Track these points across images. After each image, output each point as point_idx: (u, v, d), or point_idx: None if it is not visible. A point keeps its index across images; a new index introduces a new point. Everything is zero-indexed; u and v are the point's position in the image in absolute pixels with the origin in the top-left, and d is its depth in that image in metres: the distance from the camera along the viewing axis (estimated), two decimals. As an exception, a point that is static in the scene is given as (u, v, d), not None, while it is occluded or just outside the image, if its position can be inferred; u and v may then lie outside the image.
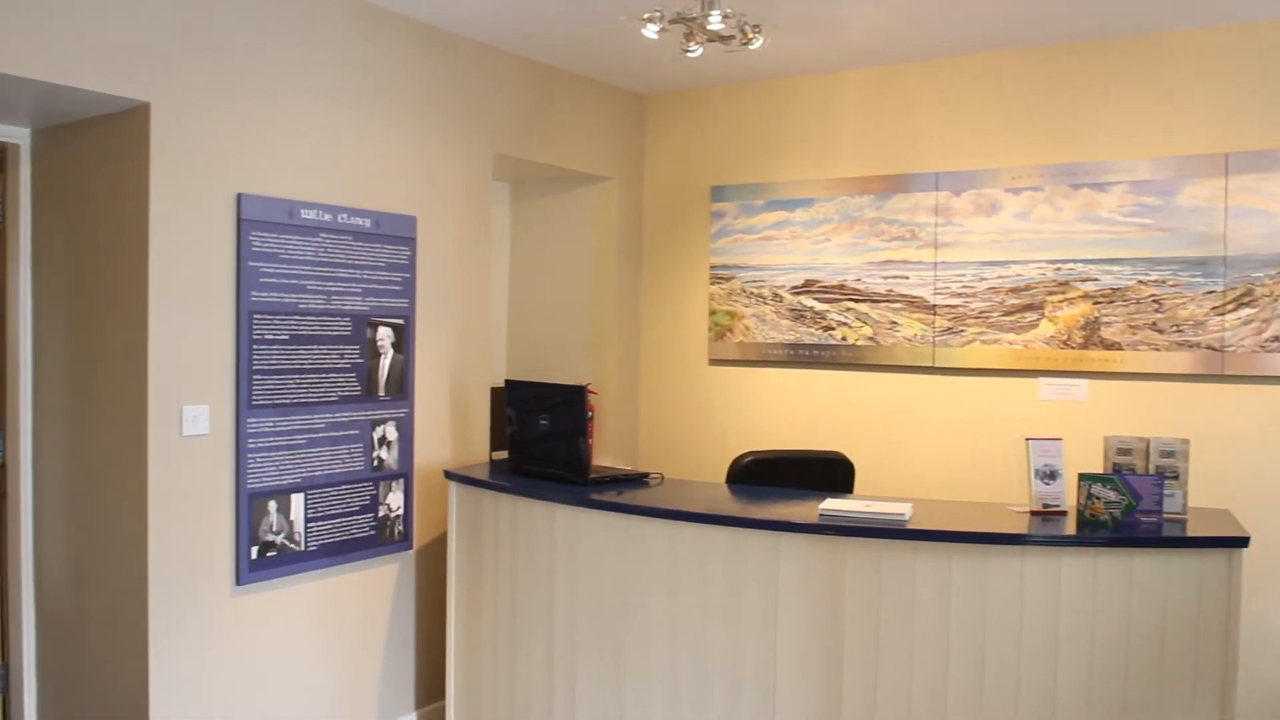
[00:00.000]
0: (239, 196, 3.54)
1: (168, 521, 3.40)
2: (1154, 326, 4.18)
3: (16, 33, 2.97)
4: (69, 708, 3.74)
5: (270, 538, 3.68)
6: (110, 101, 3.30)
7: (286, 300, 3.69)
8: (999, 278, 4.50)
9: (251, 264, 3.57)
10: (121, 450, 3.44)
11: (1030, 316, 4.43)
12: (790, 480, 3.92)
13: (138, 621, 3.40)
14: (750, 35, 3.46)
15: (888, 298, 4.76)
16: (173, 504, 3.41)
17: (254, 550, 3.62)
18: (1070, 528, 3.05)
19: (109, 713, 3.54)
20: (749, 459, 4.02)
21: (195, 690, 3.50)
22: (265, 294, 3.62)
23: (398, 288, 4.09)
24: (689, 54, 3.52)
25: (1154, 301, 4.18)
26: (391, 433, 4.09)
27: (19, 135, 3.73)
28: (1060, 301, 4.37)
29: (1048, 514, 3.20)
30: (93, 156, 3.54)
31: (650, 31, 3.43)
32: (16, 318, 3.78)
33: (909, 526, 3.06)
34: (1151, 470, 3.16)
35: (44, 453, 3.78)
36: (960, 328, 4.58)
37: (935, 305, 4.64)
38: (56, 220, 3.70)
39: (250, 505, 3.61)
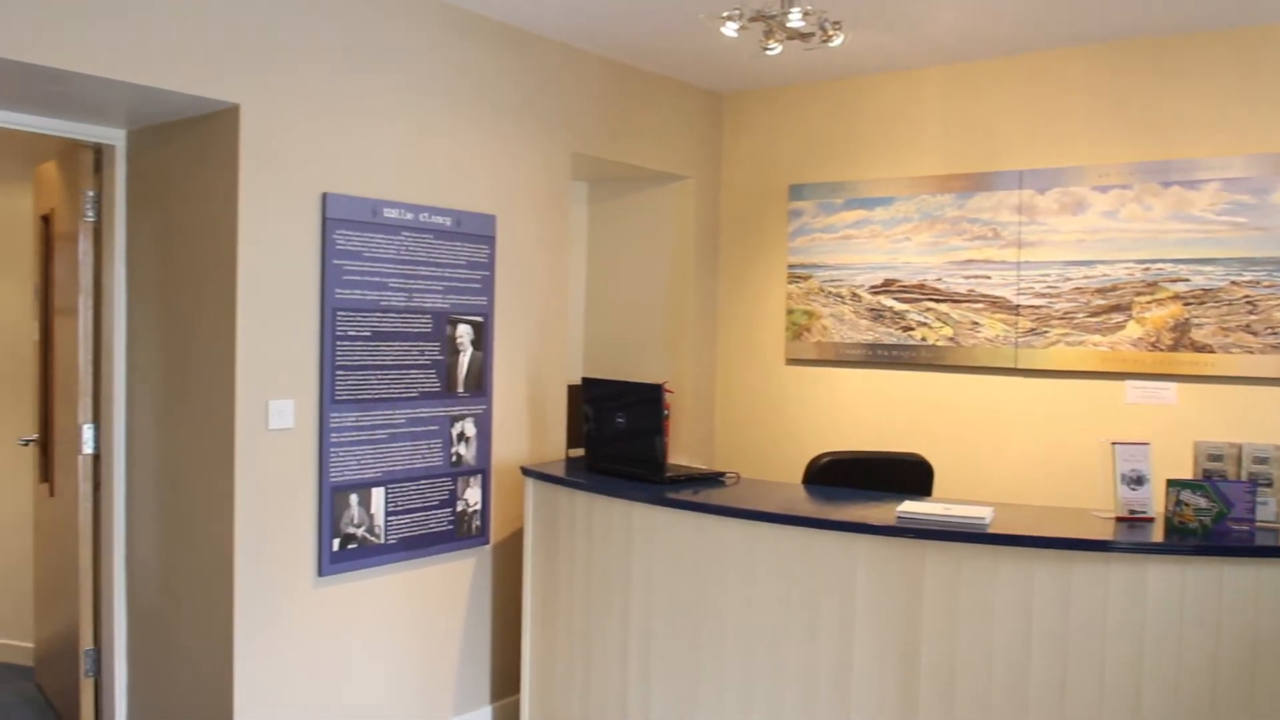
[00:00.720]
0: (324, 195, 3.61)
1: (253, 513, 3.49)
2: (1247, 329, 4.05)
3: (113, 37, 3.07)
4: (157, 692, 3.86)
5: (351, 530, 3.75)
6: (201, 104, 3.39)
7: (369, 297, 3.76)
8: (1085, 278, 4.40)
9: (335, 262, 3.64)
10: (209, 443, 3.54)
11: (1117, 318, 4.33)
12: (867, 482, 3.88)
13: (223, 609, 3.50)
14: (830, 32, 3.43)
15: (969, 298, 4.69)
16: (258, 496, 3.50)
17: (335, 542, 3.70)
18: (1158, 535, 2.97)
19: (195, 697, 3.64)
20: (826, 460, 3.99)
21: (277, 677, 3.59)
22: (348, 291, 3.69)
23: (477, 285, 4.14)
24: (768, 52, 3.51)
25: (1247, 303, 4.05)
26: (470, 429, 4.14)
27: (115, 137, 3.85)
28: (1149, 302, 4.26)
29: (1134, 520, 3.12)
30: (184, 157, 3.64)
31: (730, 30, 3.43)
32: (111, 314, 3.90)
33: (989, 531, 3.01)
34: (1244, 477, 3.06)
35: (136, 445, 3.90)
36: (1044, 329, 4.49)
37: (1018, 306, 4.55)
38: (149, 219, 3.82)
39: (332, 498, 3.68)
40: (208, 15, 3.29)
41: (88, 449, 3.98)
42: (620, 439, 3.96)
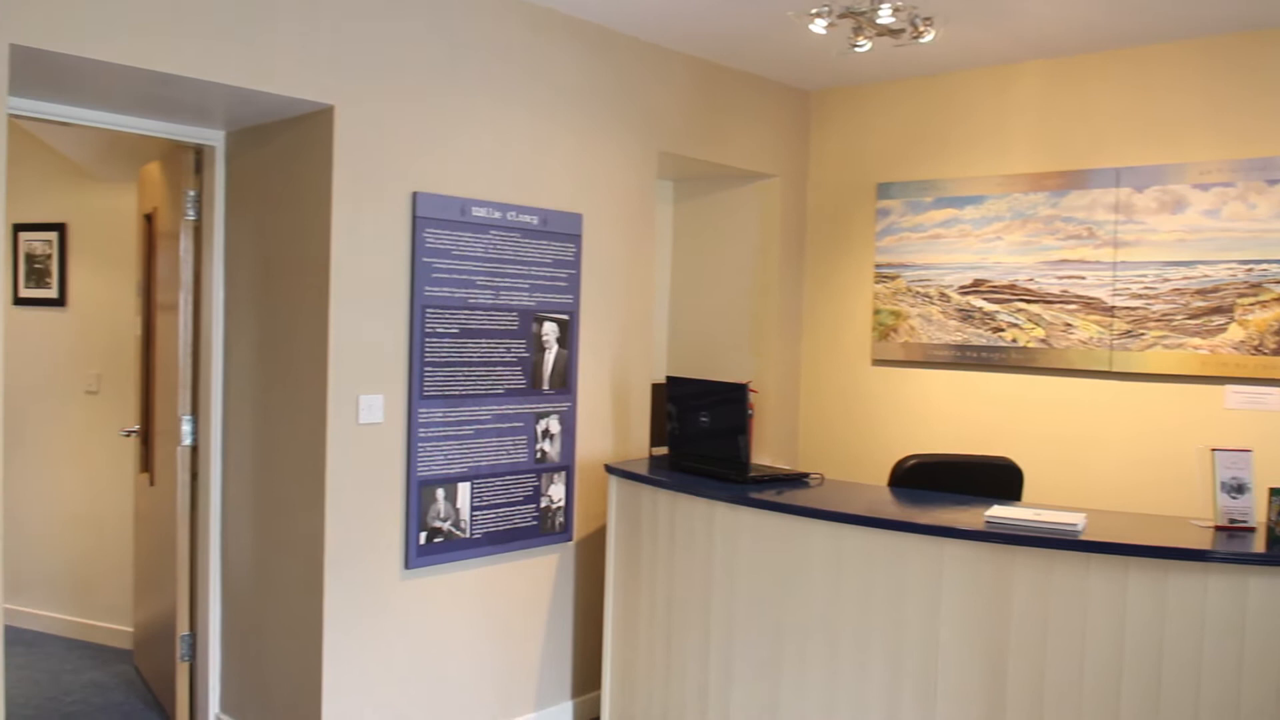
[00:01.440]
0: (414, 195, 3.67)
1: (343, 505, 3.56)
2: (1359, 332, 3.89)
3: (215, 42, 3.16)
4: (249, 678, 3.96)
5: (437, 524, 3.80)
6: (298, 105, 3.47)
7: (457, 295, 3.81)
8: (1184, 279, 4.27)
9: (425, 260, 3.70)
10: (302, 436, 3.62)
11: (1218, 320, 4.19)
12: (955, 485, 3.82)
13: (313, 599, 3.58)
14: (921, 29, 3.38)
15: (1062, 298, 4.58)
16: (348, 488, 3.57)
17: (422, 536, 3.76)
18: (1259, 545, 2.87)
19: (285, 684, 3.73)
20: (912, 462, 3.93)
21: (364, 666, 3.66)
22: (437, 289, 3.75)
23: (563, 284, 4.17)
24: (857, 49, 3.47)
25: (1359, 306, 3.89)
26: (554, 426, 4.17)
27: (215, 138, 3.97)
28: (1252, 304, 4.12)
29: (1234, 530, 3.01)
30: (280, 157, 3.73)
31: (818, 27, 3.40)
32: (210, 310, 4.02)
33: (1082, 538, 2.93)
34: (1353, 486, 2.94)
35: (231, 437, 4.01)
36: (1140, 331, 4.37)
37: (1113, 307, 4.44)
38: (246, 218, 3.92)
39: (420, 492, 3.74)
40: (304, 20, 3.36)
41: (186, 440, 4.10)
42: (704, 438, 3.96)
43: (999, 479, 3.96)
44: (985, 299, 4.81)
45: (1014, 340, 4.73)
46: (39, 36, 2.82)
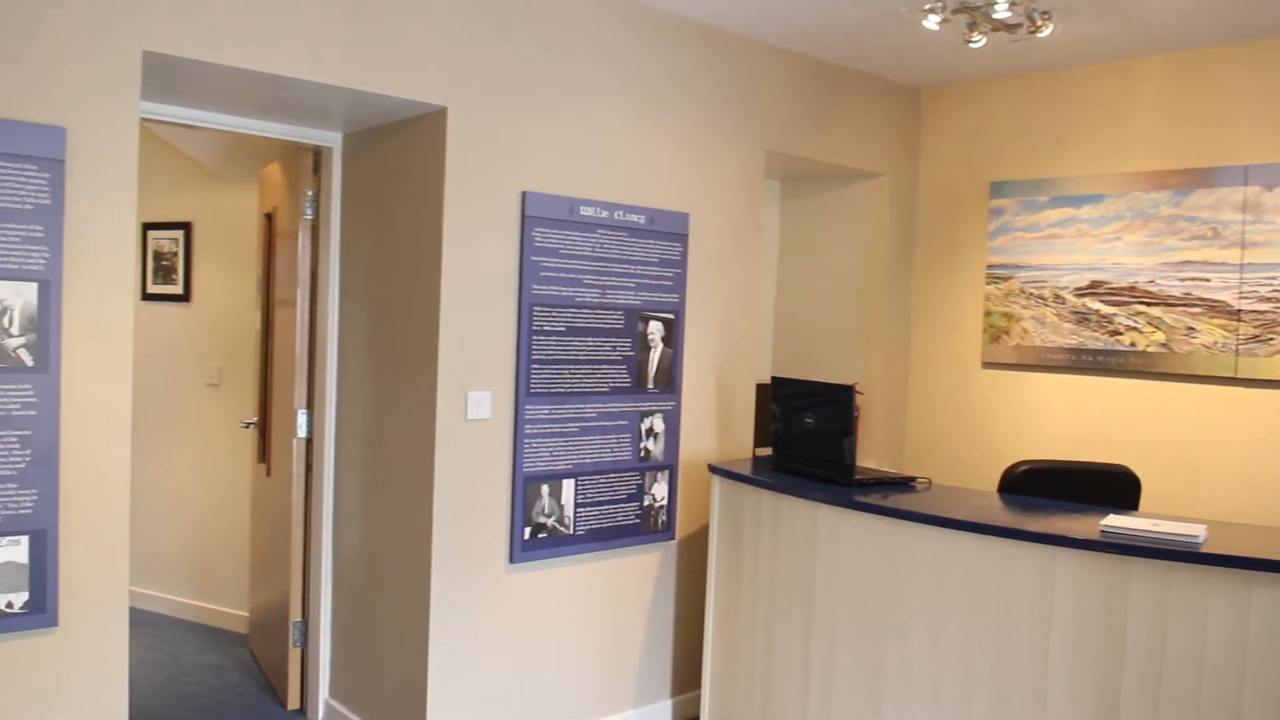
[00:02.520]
0: (524, 194, 3.72)
1: (450, 499, 3.63)
2: None
3: (334, 46, 3.25)
4: (357, 664, 4.06)
5: (542, 520, 3.85)
6: (413, 106, 3.54)
7: (564, 294, 3.84)
8: (1318, 282, 4.08)
9: (533, 259, 3.75)
10: (412, 430, 3.70)
11: (1355, 325, 3.99)
12: (1068, 493, 3.71)
13: (420, 589, 3.65)
14: (1039, 23, 3.30)
15: (1184, 301, 4.41)
16: (455, 483, 3.63)
17: (527, 531, 3.80)
18: (1399, 563, 2.72)
19: (392, 672, 3.82)
20: (1024, 468, 3.83)
21: (468, 658, 3.72)
22: (545, 287, 3.79)
23: (669, 283, 4.17)
24: (971, 45, 3.40)
25: None
26: (659, 425, 4.18)
27: (332, 140, 4.08)
28: (1393, 309, 3.91)
29: (1371, 546, 2.87)
30: (395, 158, 3.81)
31: (931, 23, 3.34)
32: (325, 306, 4.13)
33: (1203, 550, 2.82)
34: None
35: (344, 430, 4.12)
36: (1269, 335, 4.18)
37: (1240, 310, 4.26)
38: (362, 217, 4.02)
39: (525, 488, 3.79)
40: (419, 23, 3.44)
41: (301, 433, 4.23)
42: (809, 439, 3.92)
43: (1115, 487, 3.83)
44: (1103, 301, 4.67)
45: (1133, 344, 4.57)
46: (169, 43, 2.94)
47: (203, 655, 5.04)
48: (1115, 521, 3.05)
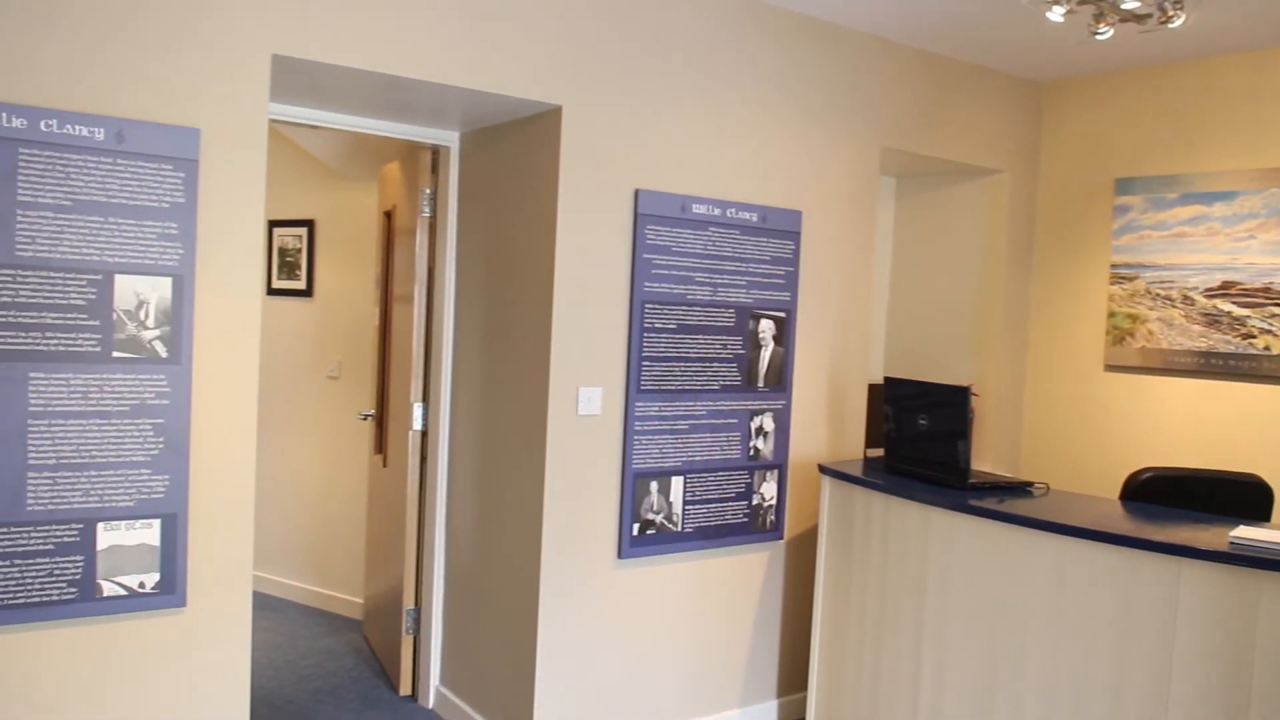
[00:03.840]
0: (636, 192, 3.74)
1: (560, 493, 3.67)
2: None
3: (451, 47, 3.31)
4: (468, 653, 4.14)
5: (650, 516, 3.86)
6: (528, 106, 3.59)
7: (675, 291, 3.85)
8: None
9: (645, 256, 3.76)
10: (524, 425, 3.75)
11: None
12: (1195, 502, 3.57)
13: (530, 583, 3.70)
14: (1171, 13, 3.17)
15: (1325, 304, 4.21)
16: (565, 477, 3.67)
17: (635, 527, 3.82)
18: None
19: (501, 662, 3.88)
20: (1148, 475, 3.70)
21: (575, 651, 3.76)
22: (656, 285, 3.80)
23: (780, 281, 4.15)
24: (1098, 36, 3.29)
25: None
26: (768, 424, 4.16)
27: (450, 139, 4.16)
28: None
29: None
30: (510, 156, 3.87)
31: (1056, 15, 3.24)
32: (442, 302, 4.22)
33: (1344, 564, 2.69)
34: None
35: (459, 423, 4.20)
36: None
37: (1386, 314, 4.04)
38: (478, 214, 4.09)
39: (634, 484, 3.80)
40: (535, 23, 3.48)
41: (417, 425, 4.32)
42: (922, 441, 3.85)
43: (1245, 497, 3.67)
44: (1235, 303, 4.47)
45: (1266, 348, 4.37)
46: (296, 47, 3.03)
47: (319, 639, 5.20)
48: (1245, 533, 2.92)
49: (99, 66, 2.76)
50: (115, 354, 2.82)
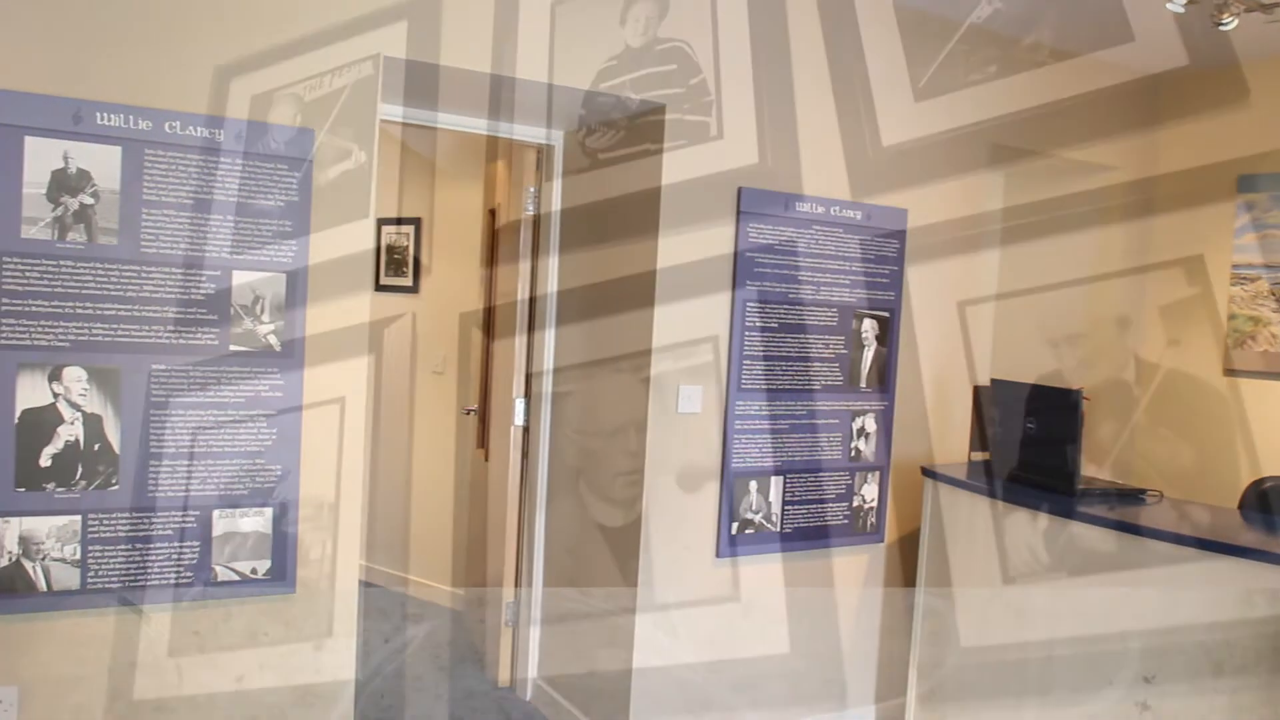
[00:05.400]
0: (739, 190, 3.72)
1: (660, 491, 3.68)
2: None
3: (555, 47, 3.34)
4: (564, 647, 4.18)
5: (749, 515, 3.85)
6: (632, 104, 3.61)
7: (778, 290, 3.83)
8: None
9: (748, 254, 3.75)
10: (624, 422, 3.77)
11: None
12: (1322, 513, 3.43)
13: (628, 578, 3.72)
14: (1302, 3, 3.04)
15: None
16: (665, 475, 3.68)
17: (733, 526, 3.81)
18: None
19: (598, 657, 3.91)
20: (1270, 484, 3.56)
21: (672, 649, 3.76)
22: (758, 283, 3.78)
23: (885, 281, 4.09)
24: (1222, 27, 3.16)
25: None
26: (870, 425, 4.11)
27: (554, 138, 4.20)
28: None
29: None
30: (613, 156, 3.89)
31: (1176, 5, 3.13)
32: (544, 299, 4.26)
33: None
34: None
35: (559, 419, 4.24)
36: None
37: None
38: (580, 212, 4.12)
39: (733, 483, 3.79)
40: (636, 24, 3.49)
41: (518, 421, 4.38)
42: (1029, 446, 3.76)
43: (1377, 509, 3.51)
44: (1367, 306, 4.27)
45: (1402, 353, 4.17)
46: (406, 49, 3.10)
47: (421, 627, 5.29)
48: (1378, 547, 2.79)
49: (221, 72, 2.86)
50: (232, 347, 2.93)
